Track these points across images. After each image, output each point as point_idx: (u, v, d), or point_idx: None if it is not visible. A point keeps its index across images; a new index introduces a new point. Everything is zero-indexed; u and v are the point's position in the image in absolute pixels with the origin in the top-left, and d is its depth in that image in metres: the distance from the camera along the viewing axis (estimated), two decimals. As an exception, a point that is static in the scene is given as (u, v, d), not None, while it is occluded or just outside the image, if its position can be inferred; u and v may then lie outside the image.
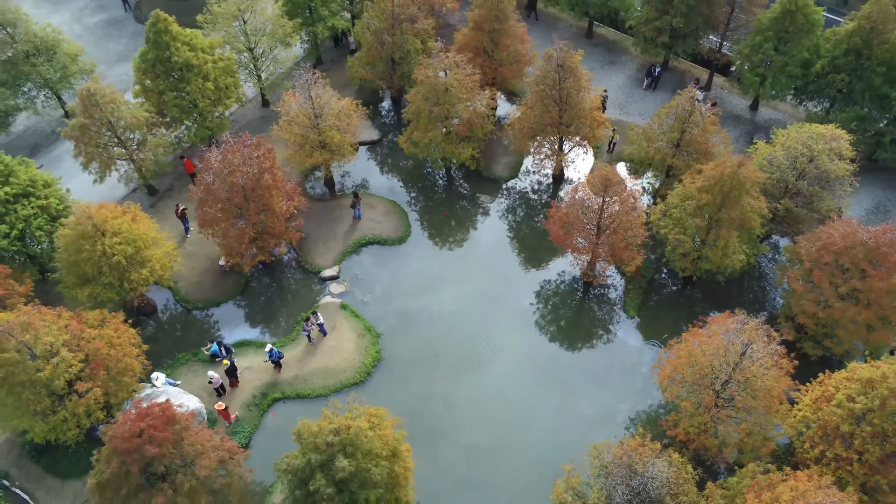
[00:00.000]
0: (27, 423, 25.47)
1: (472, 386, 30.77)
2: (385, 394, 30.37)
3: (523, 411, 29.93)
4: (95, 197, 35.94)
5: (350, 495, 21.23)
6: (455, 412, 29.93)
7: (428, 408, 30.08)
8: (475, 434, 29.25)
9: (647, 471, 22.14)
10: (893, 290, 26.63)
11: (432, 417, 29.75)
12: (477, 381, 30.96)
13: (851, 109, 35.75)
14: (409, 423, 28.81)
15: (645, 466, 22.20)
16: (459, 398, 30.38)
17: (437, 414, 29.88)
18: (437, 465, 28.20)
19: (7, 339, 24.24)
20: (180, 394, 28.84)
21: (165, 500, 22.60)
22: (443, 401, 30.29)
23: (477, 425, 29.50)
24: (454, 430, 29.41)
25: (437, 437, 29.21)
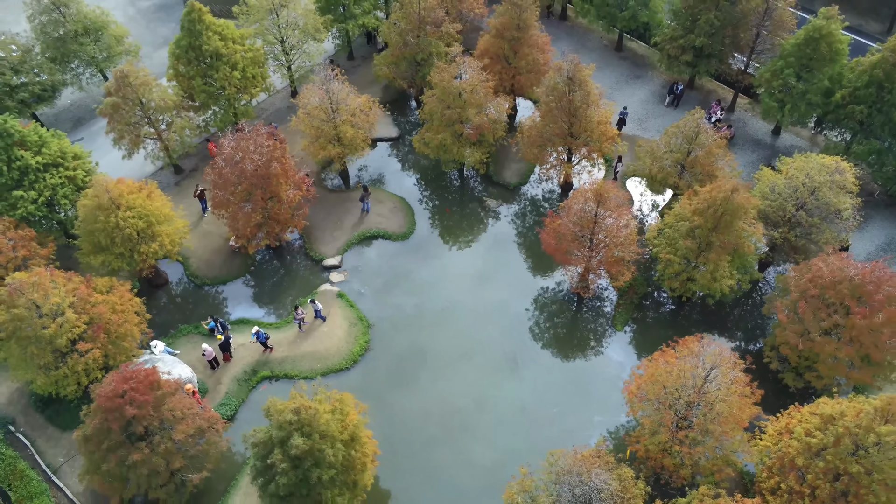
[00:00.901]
0: (31, 375, 27.66)
1: (452, 384, 31.64)
2: (367, 382, 31.59)
3: (497, 413, 30.65)
4: (125, 172, 38.33)
5: (304, 472, 22.47)
6: (430, 407, 30.87)
7: (405, 400, 31.11)
8: (444, 429, 30.14)
9: (593, 482, 22.65)
10: (876, 330, 26.27)
11: (407, 410, 30.75)
12: (458, 379, 31.80)
13: (869, 142, 35.04)
14: (383, 414, 30.25)
15: (591, 477, 22.71)
16: (437, 394, 31.30)
17: (412, 407, 30.86)
18: (402, 455, 29.25)
19: (18, 295, 26.43)
20: (176, 363, 30.69)
21: (141, 457, 24.33)
22: (420, 395, 31.28)
23: (448, 421, 30.38)
24: (426, 425, 30.34)
25: (408, 429, 30.18)
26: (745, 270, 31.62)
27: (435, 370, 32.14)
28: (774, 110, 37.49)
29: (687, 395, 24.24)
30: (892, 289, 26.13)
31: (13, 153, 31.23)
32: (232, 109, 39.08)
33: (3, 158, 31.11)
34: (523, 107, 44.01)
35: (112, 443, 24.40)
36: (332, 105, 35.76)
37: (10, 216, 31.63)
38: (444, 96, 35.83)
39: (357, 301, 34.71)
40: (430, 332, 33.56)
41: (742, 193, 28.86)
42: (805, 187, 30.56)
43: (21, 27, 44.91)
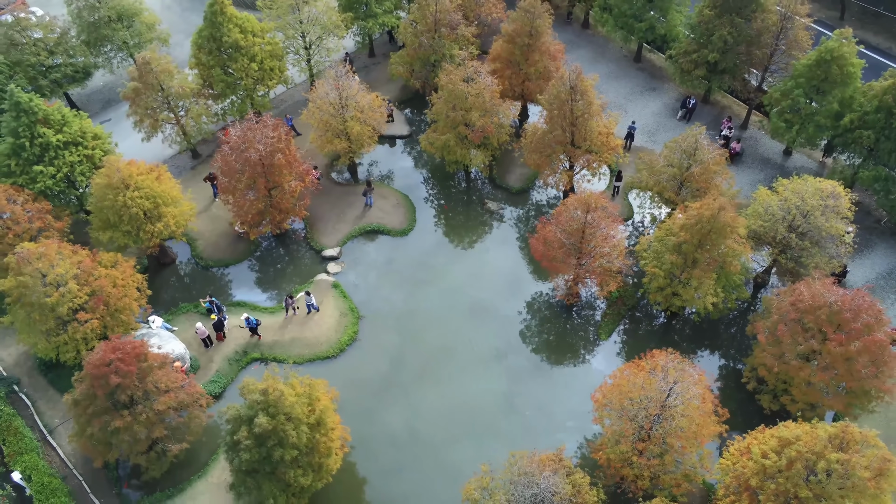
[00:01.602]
0: (34, 340, 29.46)
1: (432, 380, 32.40)
2: (350, 372, 32.61)
3: (473, 411, 31.28)
4: (146, 154, 40.23)
5: (268, 450, 23.59)
6: (408, 400, 31.72)
7: (385, 392, 32.02)
8: (420, 422, 30.95)
9: (544, 484, 23.20)
10: (851, 358, 26.10)
11: (386, 402, 31.64)
12: (439, 376, 32.55)
13: (875, 168, 34.51)
14: (362, 403, 31.27)
15: (542, 479, 23.26)
16: (417, 389, 32.12)
17: (391, 399, 31.75)
18: (377, 444, 30.23)
19: (25, 264, 28.23)
20: (171, 339, 32.21)
21: (123, 424, 25.82)
22: (401, 388, 32.14)
23: (424, 415, 31.16)
24: (402, 417, 31.19)
25: (384, 420, 31.09)
26: (733, 289, 31.60)
27: (418, 366, 32.96)
28: (782, 130, 37.18)
29: (648, 408, 24.55)
30: (870, 318, 25.95)
31: (36, 130, 33.15)
32: (249, 100, 40.52)
33: (27, 135, 33.06)
34: (534, 112, 44.40)
35: (97, 408, 25.95)
36: (342, 100, 36.85)
37: (29, 189, 33.59)
38: (450, 98, 36.58)
39: (351, 292, 35.78)
40: (418, 328, 34.39)
41: (729, 212, 28.91)
42: (798, 210, 30.39)
43: (59, 10, 47.21)
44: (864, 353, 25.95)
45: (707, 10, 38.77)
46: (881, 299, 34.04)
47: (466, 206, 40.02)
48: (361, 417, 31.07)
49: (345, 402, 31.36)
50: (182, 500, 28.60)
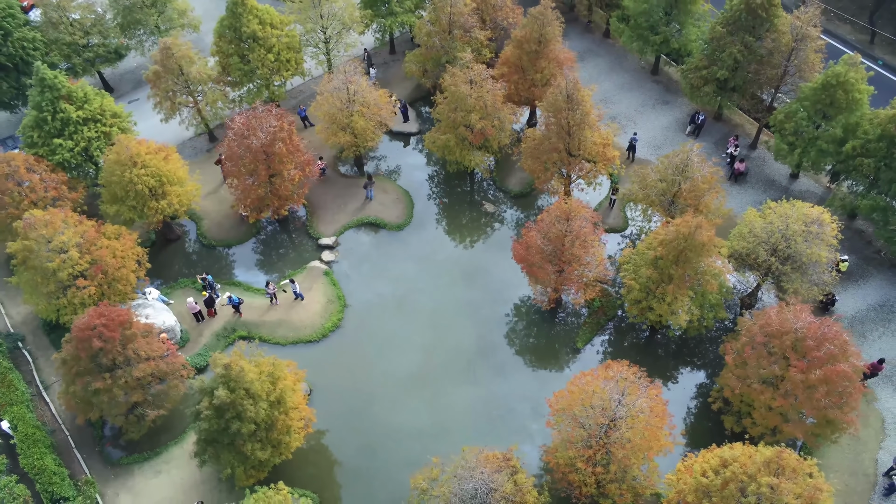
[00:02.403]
0: (36, 301, 31.58)
1: (408, 374, 33.34)
2: (329, 357, 33.87)
3: (443, 406, 32.14)
4: (166, 135, 42.52)
5: (226, 422, 24.95)
6: (382, 390, 32.72)
7: (360, 380, 33.13)
8: (389, 412, 31.95)
9: (483, 480, 23.91)
10: (811, 386, 25.95)
11: (360, 389, 32.76)
12: (415, 370, 33.47)
13: (874, 198, 33.87)
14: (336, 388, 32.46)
15: (480, 474, 23.98)
16: (392, 380, 33.09)
17: (364, 387, 32.82)
18: (345, 428, 31.41)
19: (31, 229, 30.32)
20: (164, 310, 34.00)
21: (103, 386, 27.60)
22: (375, 378, 33.18)
23: (394, 406, 32.15)
24: (373, 405, 32.26)
25: (355, 406, 32.22)
26: (710, 308, 31.57)
27: (396, 358, 33.95)
28: (785, 152, 36.76)
29: (596, 417, 24.97)
30: (834, 348, 25.75)
31: (58, 105, 35.34)
32: (265, 89, 42.12)
33: (49, 109, 35.29)
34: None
35: (81, 369, 27.80)
36: (350, 95, 38.03)
37: (48, 160, 35.84)
38: (452, 99, 37.37)
39: (340, 281, 37.01)
40: (401, 321, 35.38)
41: (706, 232, 28.98)
42: (780, 234, 30.19)
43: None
44: (825, 382, 25.76)
45: (719, 28, 38.53)
46: (867, 332, 33.50)
47: (465, 206, 40.77)
48: (334, 401, 32.29)
49: (320, 385, 32.87)
50: (157, 463, 30.31)
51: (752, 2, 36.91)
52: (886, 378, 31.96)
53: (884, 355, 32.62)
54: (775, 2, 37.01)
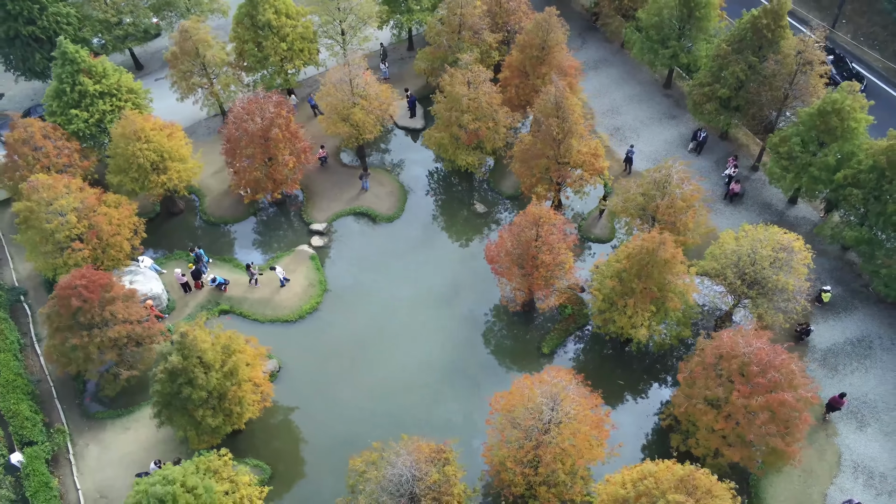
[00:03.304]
0: (35, 258, 33.90)
1: (376, 360, 34.34)
2: (303, 337, 35.23)
3: (402, 395, 32.99)
4: (184, 114, 44.63)
5: (178, 387, 26.50)
6: (348, 374, 33.85)
7: (329, 362, 34.35)
8: (350, 395, 33.06)
9: (409, 468, 24.78)
10: (752, 412, 25.83)
11: (327, 370, 33.98)
12: (384, 357, 34.45)
13: (860, 229, 33.11)
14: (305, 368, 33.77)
15: (409, 463, 24.84)
16: (359, 365, 34.17)
17: (332, 370, 34.01)
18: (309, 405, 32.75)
19: (34, 192, 32.60)
20: (153, 279, 35.96)
21: (79, 343, 29.58)
22: (344, 360, 34.34)
23: (356, 390, 33.23)
24: (339, 386, 33.44)
25: (322, 386, 33.46)
26: (675, 325, 31.56)
27: (366, 344, 35.01)
28: (777, 176, 36.20)
29: (527, 419, 25.49)
30: (778, 375, 25.57)
31: (77, 78, 37.65)
32: (278, 76, 43.73)
33: (69, 81, 37.64)
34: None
35: (61, 325, 29.85)
36: (352, 88, 39.23)
37: (64, 129, 38.23)
38: (448, 99, 38.16)
39: (325, 266, 38.32)
40: (377, 310, 36.42)
41: (670, 249, 29.03)
42: (748, 258, 29.96)
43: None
44: (767, 409, 25.63)
45: (725, 45, 38.14)
46: (840, 365, 32.85)
47: (458, 204, 41.50)
48: (302, 380, 33.65)
49: (290, 363, 34.31)
50: (128, 420, 32.22)
51: (758, 22, 36.47)
52: (852, 414, 31.34)
53: (854, 391, 31.99)
54: (782, 23, 36.45)
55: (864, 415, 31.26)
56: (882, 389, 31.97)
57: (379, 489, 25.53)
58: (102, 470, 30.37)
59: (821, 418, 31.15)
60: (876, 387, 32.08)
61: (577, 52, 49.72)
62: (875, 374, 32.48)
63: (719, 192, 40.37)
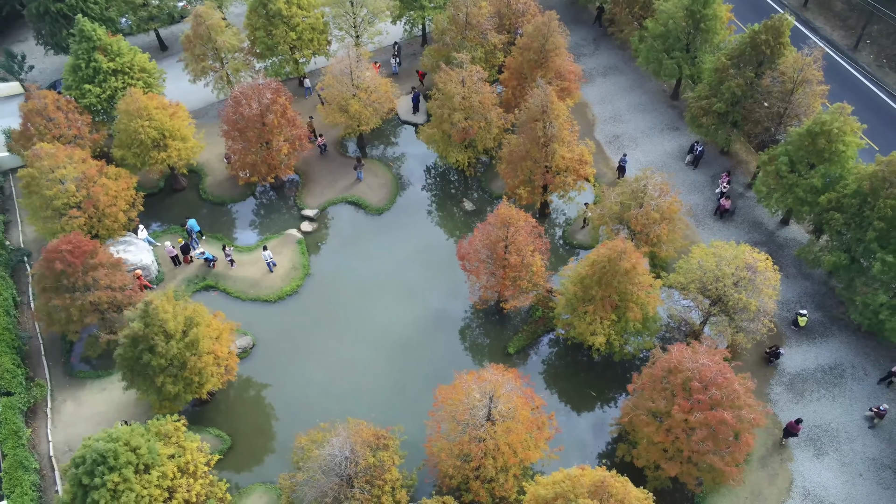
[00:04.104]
0: (35, 223, 35.99)
1: (346, 345, 35.26)
2: (280, 317, 36.43)
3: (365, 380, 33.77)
4: (199, 95, 46.39)
5: (139, 352, 27.96)
6: (317, 355, 34.85)
7: (301, 342, 35.44)
8: (319, 375, 34.05)
9: (343, 449, 25.65)
10: (690, 427, 25.79)
11: (298, 351, 35.06)
12: (352, 343, 35.31)
13: (838, 254, 32.40)
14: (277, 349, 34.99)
15: (342, 445, 25.71)
16: (329, 348, 35.15)
17: (303, 349, 35.08)
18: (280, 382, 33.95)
19: (36, 159, 34.63)
20: (145, 250, 37.73)
21: (62, 304, 31.39)
22: (315, 343, 35.35)
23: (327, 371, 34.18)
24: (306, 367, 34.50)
25: (291, 363, 34.60)
26: (637, 336, 31.57)
27: (339, 329, 35.98)
28: (763, 195, 35.67)
29: (461, 414, 26.05)
30: (719, 393, 25.46)
31: (92, 55, 39.69)
32: (287, 64, 45.09)
33: (84, 58, 39.72)
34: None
35: (46, 285, 31.72)
36: (353, 80, 40.22)
37: (78, 102, 40.35)
38: (442, 96, 38.78)
39: (310, 251, 39.48)
40: (355, 297, 37.35)
41: (630, 260, 29.06)
42: (712, 274, 29.76)
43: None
44: (705, 426, 25.57)
45: (724, 59, 37.69)
46: (807, 391, 32.29)
47: (447, 201, 42.11)
48: (274, 357, 34.86)
49: (265, 341, 35.59)
50: (105, 382, 33.91)
51: (757, 37, 35.99)
52: (811, 441, 30.81)
53: (817, 418, 31.45)
54: (782, 40, 35.87)
55: (824, 443, 30.69)
56: (846, 420, 31.31)
57: (317, 467, 26.49)
58: (74, 425, 32.17)
59: (778, 442, 30.75)
60: (840, 416, 31.43)
61: (588, 58, 49.87)
62: (842, 404, 31.82)
63: (710, 208, 39.91)
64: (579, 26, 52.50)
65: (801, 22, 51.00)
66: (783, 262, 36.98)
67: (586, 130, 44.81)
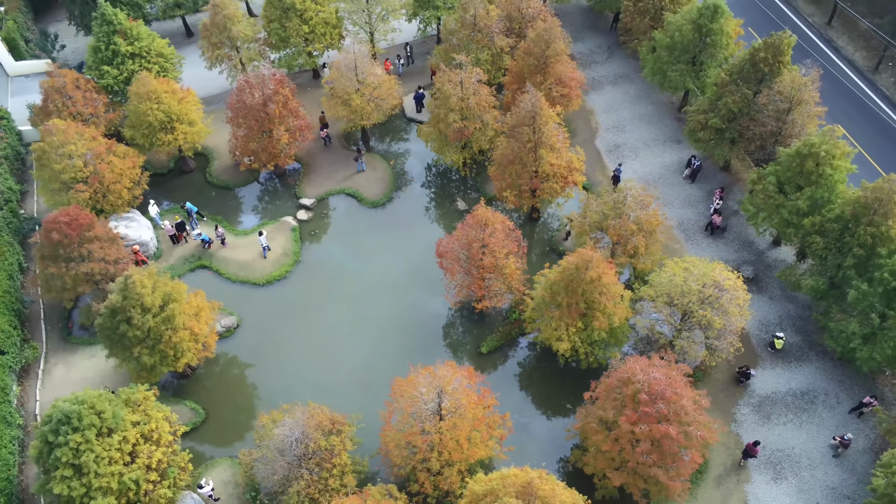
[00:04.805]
0: (44, 194, 38.06)
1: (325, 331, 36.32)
2: (266, 300, 37.75)
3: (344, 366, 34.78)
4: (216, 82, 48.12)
5: (117, 323, 29.50)
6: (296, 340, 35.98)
7: (282, 325, 36.69)
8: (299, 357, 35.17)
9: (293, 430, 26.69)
10: (637, 439, 25.99)
11: (279, 332, 36.31)
12: (331, 330, 36.34)
13: (817, 279, 31.97)
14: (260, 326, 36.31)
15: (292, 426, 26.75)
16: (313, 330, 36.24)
17: (284, 332, 36.29)
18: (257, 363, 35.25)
19: (48, 134, 36.62)
20: (146, 227, 39.49)
21: (57, 272, 33.25)
22: (300, 325, 36.50)
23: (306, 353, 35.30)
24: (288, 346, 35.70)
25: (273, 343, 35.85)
26: (604, 346, 31.78)
27: (321, 316, 37.07)
28: (750, 214, 35.33)
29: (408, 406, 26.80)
30: (665, 407, 25.58)
31: (112, 38, 41.64)
32: (300, 56, 46.39)
33: (104, 40, 41.71)
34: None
35: (44, 253, 33.62)
36: (357, 75, 41.23)
37: (96, 83, 42.39)
38: (439, 96, 39.46)
39: (303, 239, 40.70)
40: (340, 287, 38.39)
41: (597, 269, 29.29)
42: (678, 289, 29.77)
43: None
44: (648, 438, 25.75)
45: (724, 74, 37.40)
46: (774, 415, 31.99)
47: (441, 199, 42.77)
48: (257, 337, 36.19)
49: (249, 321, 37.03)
50: (96, 349, 35.63)
51: (756, 55, 35.64)
52: (771, 464, 30.55)
53: (781, 442, 31.16)
54: (782, 59, 35.42)
55: (784, 468, 30.40)
56: (811, 447, 30.94)
57: (273, 446, 27.61)
58: (62, 387, 34.02)
59: (737, 462, 30.61)
60: (805, 442, 31.07)
61: (600, 66, 49.86)
62: (808, 430, 31.44)
63: (702, 223, 39.64)
64: (595, 33, 52.48)
65: (823, 41, 49.98)
66: (769, 283, 36.60)
67: (588, 138, 44.92)
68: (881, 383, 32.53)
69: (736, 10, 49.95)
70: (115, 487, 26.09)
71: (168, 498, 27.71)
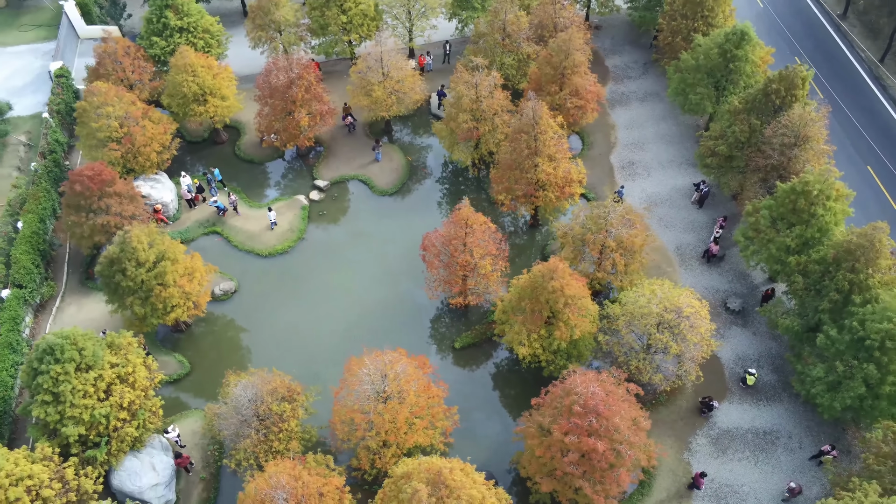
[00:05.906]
0: (83, 149, 41.56)
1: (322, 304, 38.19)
2: (266, 270, 40.01)
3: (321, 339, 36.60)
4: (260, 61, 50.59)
5: (113, 272, 32.26)
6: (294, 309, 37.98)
7: (278, 293, 38.83)
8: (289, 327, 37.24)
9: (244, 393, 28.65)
10: (567, 449, 26.53)
11: (275, 299, 38.48)
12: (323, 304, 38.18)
13: (794, 319, 31.35)
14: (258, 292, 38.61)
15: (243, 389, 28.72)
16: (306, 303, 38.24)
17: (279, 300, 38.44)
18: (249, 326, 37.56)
19: (90, 95, 39.99)
20: (170, 189, 42.47)
21: (76, 221, 36.49)
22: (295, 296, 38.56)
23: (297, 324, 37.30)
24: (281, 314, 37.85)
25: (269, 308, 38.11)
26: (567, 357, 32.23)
27: (317, 290, 38.93)
28: (742, 246, 34.84)
29: (355, 386, 28.25)
30: (596, 423, 26.01)
31: (163, 12, 44.81)
32: (337, 44, 48.42)
33: (157, 13, 44.92)
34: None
35: (69, 203, 36.91)
36: (383, 68, 42.86)
37: (146, 52, 45.72)
38: (454, 96, 40.55)
39: (311, 218, 42.74)
40: (337, 267, 40.19)
41: (560, 281, 29.81)
42: (640, 311, 29.93)
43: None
44: (577, 449, 26.27)
45: (738, 103, 36.89)
46: (731, 449, 31.69)
47: (449, 195, 43.89)
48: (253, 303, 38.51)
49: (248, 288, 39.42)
50: (105, 295, 38.95)
51: (769, 86, 35.08)
52: (717, 498, 30.35)
53: (732, 478, 30.90)
54: (796, 92, 34.69)
55: (729, 503, 30.14)
56: (762, 487, 30.52)
57: (231, 404, 29.68)
58: (71, 325, 37.07)
59: (682, 490, 30.56)
60: (756, 482, 30.66)
61: (632, 81, 49.68)
62: (763, 470, 30.99)
63: (701, 250, 39.22)
64: (635, 49, 52.17)
65: (872, 78, 48.03)
66: (755, 318, 36.00)
67: (604, 152, 45.00)
68: (851, 435, 31.65)
69: (785, 40, 48.89)
70: (87, 419, 28.68)
71: (135, 436, 30.22)
